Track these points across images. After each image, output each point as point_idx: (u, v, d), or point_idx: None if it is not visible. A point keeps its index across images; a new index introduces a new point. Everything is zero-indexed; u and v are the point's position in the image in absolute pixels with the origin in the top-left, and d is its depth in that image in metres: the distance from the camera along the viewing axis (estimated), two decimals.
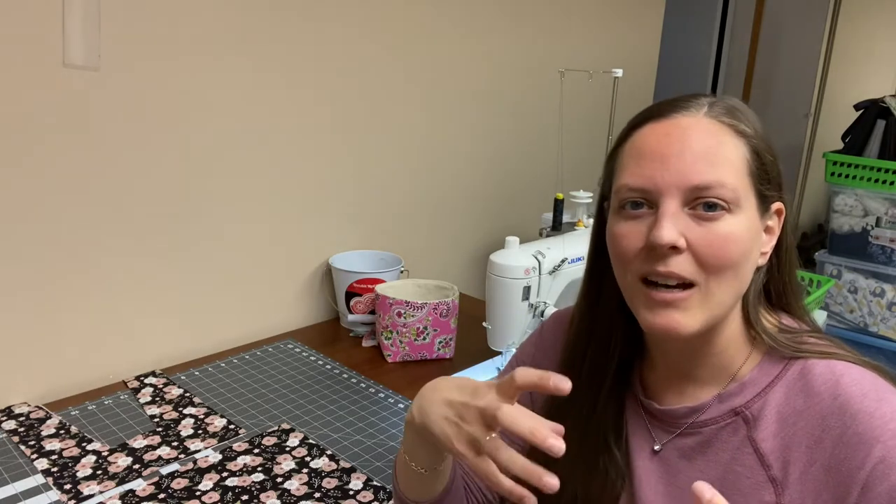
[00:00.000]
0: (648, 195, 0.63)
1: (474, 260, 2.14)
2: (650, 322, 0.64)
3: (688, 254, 0.62)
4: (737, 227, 0.62)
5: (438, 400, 0.64)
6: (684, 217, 0.62)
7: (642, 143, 0.65)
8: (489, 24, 1.97)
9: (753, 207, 0.64)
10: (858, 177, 3.08)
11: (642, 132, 0.66)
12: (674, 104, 0.66)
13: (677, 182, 0.62)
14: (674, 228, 0.61)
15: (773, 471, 0.63)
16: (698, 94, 0.67)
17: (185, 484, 1.06)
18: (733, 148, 0.63)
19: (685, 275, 0.62)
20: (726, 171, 0.62)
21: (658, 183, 0.62)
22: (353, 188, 1.73)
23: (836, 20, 3.44)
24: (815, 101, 3.62)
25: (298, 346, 1.54)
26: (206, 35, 1.38)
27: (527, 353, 0.86)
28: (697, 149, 0.62)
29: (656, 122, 0.65)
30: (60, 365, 1.30)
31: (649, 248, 0.63)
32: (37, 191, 1.22)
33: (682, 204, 0.62)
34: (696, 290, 0.63)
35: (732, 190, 0.62)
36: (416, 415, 0.67)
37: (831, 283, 2.25)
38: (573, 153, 2.24)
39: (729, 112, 0.65)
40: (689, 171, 0.61)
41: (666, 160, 0.62)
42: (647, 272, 0.63)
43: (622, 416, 0.75)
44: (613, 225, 0.67)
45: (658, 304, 0.63)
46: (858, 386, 0.61)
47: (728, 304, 0.65)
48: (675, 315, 0.63)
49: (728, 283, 0.63)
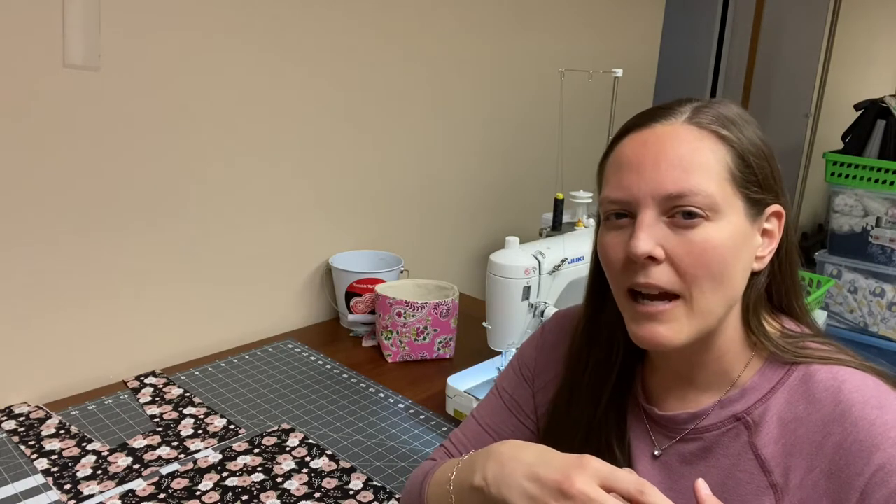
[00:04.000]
0: (627, 206, 0.64)
1: (474, 260, 2.14)
2: (636, 334, 0.65)
3: (667, 264, 0.62)
4: (716, 234, 0.61)
5: (522, 473, 0.60)
6: (662, 226, 0.62)
7: (622, 155, 0.66)
8: (489, 24, 1.97)
9: (740, 212, 0.63)
10: (858, 177, 3.08)
11: (623, 143, 0.66)
12: (654, 113, 0.66)
13: (652, 191, 0.62)
14: (649, 239, 0.61)
15: (773, 476, 0.63)
16: (683, 100, 0.67)
17: (185, 484, 1.06)
18: (710, 153, 0.62)
19: (665, 286, 0.62)
20: (701, 179, 0.61)
21: (634, 193, 0.63)
22: (354, 188, 1.73)
23: (836, 20, 3.44)
24: (815, 101, 3.62)
25: (298, 346, 1.54)
26: (207, 35, 1.38)
27: (529, 355, 0.86)
28: (672, 157, 0.62)
29: (636, 133, 0.65)
30: (60, 365, 1.30)
31: (629, 258, 0.63)
32: (36, 190, 1.22)
33: (659, 213, 0.62)
34: (680, 302, 0.63)
35: (708, 196, 0.61)
36: (491, 483, 0.61)
37: (831, 283, 2.25)
38: (573, 153, 2.24)
39: (711, 117, 0.64)
40: (663, 179, 0.62)
41: (641, 170, 0.63)
42: (631, 284, 0.64)
43: (624, 421, 0.74)
44: (601, 235, 0.68)
45: (642, 316, 0.64)
46: (860, 392, 0.61)
47: (717, 313, 0.64)
48: (658, 328, 0.63)
49: (713, 291, 0.62)
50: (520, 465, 0.60)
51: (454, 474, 0.69)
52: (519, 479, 0.59)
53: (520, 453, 0.62)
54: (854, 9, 3.87)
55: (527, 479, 0.59)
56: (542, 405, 0.82)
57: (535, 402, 0.83)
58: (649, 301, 0.63)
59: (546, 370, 0.83)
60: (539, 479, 0.58)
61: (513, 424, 0.84)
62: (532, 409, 0.83)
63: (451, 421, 1.26)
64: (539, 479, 0.58)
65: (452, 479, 0.69)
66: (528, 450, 0.62)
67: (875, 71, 4.56)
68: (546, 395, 0.81)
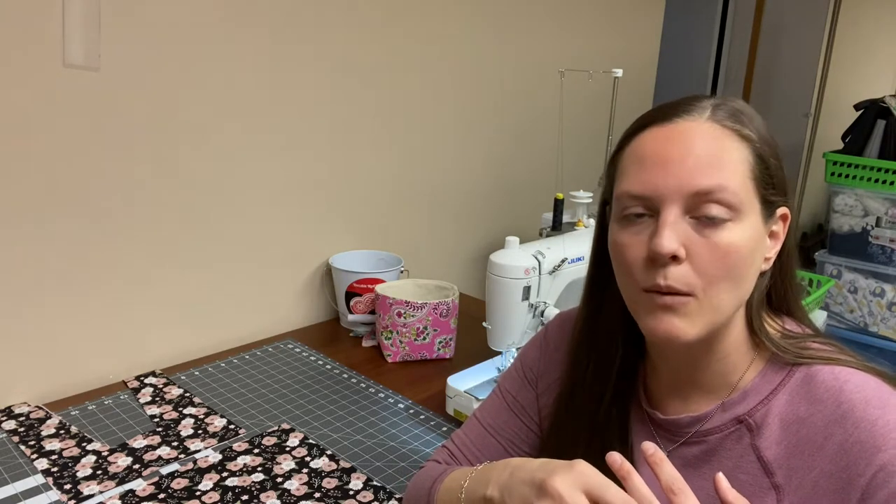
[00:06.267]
0: (650, 202, 0.62)
1: (474, 260, 2.14)
2: (652, 327, 0.63)
3: (687, 264, 0.61)
4: (739, 235, 0.61)
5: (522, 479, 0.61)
6: (685, 226, 0.61)
7: (643, 149, 0.64)
8: (489, 25, 1.97)
9: (757, 213, 0.63)
10: (858, 177, 3.08)
11: (643, 137, 0.65)
12: (676, 108, 0.64)
13: (679, 187, 0.61)
14: (674, 237, 0.60)
15: (776, 478, 0.63)
16: (700, 97, 0.66)
17: (185, 484, 1.05)
18: (736, 153, 0.62)
19: (684, 288, 0.61)
20: (729, 176, 0.61)
21: (660, 188, 0.61)
22: (354, 188, 1.73)
23: (836, 20, 3.44)
24: (815, 101, 3.62)
25: (298, 346, 1.54)
26: (207, 36, 1.38)
27: (532, 357, 0.86)
28: (700, 153, 0.61)
29: (658, 127, 0.64)
30: (60, 365, 1.30)
31: (650, 257, 0.62)
32: (36, 191, 1.22)
33: (683, 211, 0.61)
34: (692, 298, 0.62)
35: (735, 194, 0.60)
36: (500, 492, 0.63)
37: (831, 283, 2.25)
38: (573, 153, 2.24)
39: (733, 116, 0.63)
40: (692, 175, 0.60)
41: (667, 165, 0.61)
42: (650, 285, 0.62)
43: (627, 424, 0.74)
44: (615, 233, 0.66)
45: (659, 308, 0.62)
46: (861, 393, 0.61)
47: (729, 311, 0.64)
48: (675, 321, 0.62)
49: (727, 291, 0.62)
50: (523, 472, 0.61)
51: (467, 483, 0.69)
52: (520, 485, 0.60)
53: (528, 462, 0.63)
54: (854, 9, 3.87)
55: (525, 484, 0.60)
56: (545, 407, 0.82)
57: (539, 405, 0.83)
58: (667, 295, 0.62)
59: (549, 372, 0.82)
60: (533, 480, 0.59)
61: (516, 426, 0.84)
62: (536, 411, 0.83)
63: (451, 421, 1.26)
64: (532, 481, 0.59)
65: (465, 487, 0.69)
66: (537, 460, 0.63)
67: (875, 71, 4.56)
68: (549, 397, 0.81)
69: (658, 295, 0.62)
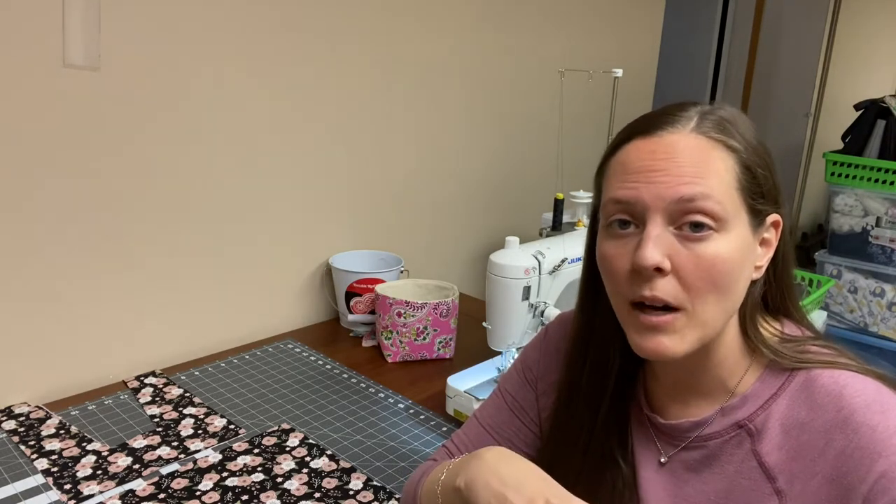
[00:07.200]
0: (633, 210, 0.62)
1: (474, 260, 2.14)
2: (639, 346, 0.64)
3: (672, 276, 0.61)
4: (725, 247, 0.61)
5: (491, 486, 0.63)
6: (670, 238, 0.61)
7: (627, 159, 0.64)
8: (489, 24, 1.97)
9: (745, 223, 0.63)
10: (858, 177, 3.08)
11: (628, 148, 0.65)
12: (660, 119, 0.64)
13: (663, 195, 0.61)
14: (657, 250, 0.60)
15: (777, 483, 0.63)
16: (687, 105, 0.66)
17: (185, 484, 1.06)
18: (721, 163, 0.62)
19: (670, 300, 0.61)
20: (713, 185, 0.60)
21: (643, 196, 0.61)
22: (353, 188, 1.73)
23: (836, 20, 3.44)
24: (815, 101, 3.62)
25: (298, 346, 1.54)
26: (207, 36, 1.38)
27: (532, 357, 0.86)
28: (683, 162, 0.61)
29: (642, 139, 0.64)
30: (60, 365, 1.30)
31: (635, 269, 0.62)
32: (36, 191, 1.22)
33: (668, 222, 0.61)
34: (681, 314, 0.62)
35: (719, 203, 0.60)
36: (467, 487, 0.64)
37: (831, 283, 2.25)
38: (573, 153, 2.24)
39: (718, 126, 0.63)
40: (675, 183, 0.60)
41: (651, 175, 0.61)
42: (636, 296, 0.62)
43: (627, 429, 0.74)
44: (602, 244, 0.67)
45: (646, 327, 0.63)
46: (861, 397, 0.60)
47: (719, 323, 0.64)
48: (662, 339, 0.62)
49: (715, 304, 0.62)
50: (493, 478, 0.62)
51: (444, 475, 0.70)
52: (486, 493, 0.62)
53: (499, 466, 0.64)
54: (854, 9, 3.87)
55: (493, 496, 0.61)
56: (545, 408, 0.81)
57: (539, 406, 0.83)
58: (652, 311, 0.62)
59: (549, 373, 0.82)
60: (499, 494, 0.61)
61: (515, 426, 0.84)
62: (536, 412, 0.83)
63: (451, 421, 1.26)
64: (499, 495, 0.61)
65: (441, 479, 0.70)
66: (510, 465, 0.64)
67: (875, 71, 4.57)
68: (549, 398, 0.81)
69: (644, 315, 0.63)
